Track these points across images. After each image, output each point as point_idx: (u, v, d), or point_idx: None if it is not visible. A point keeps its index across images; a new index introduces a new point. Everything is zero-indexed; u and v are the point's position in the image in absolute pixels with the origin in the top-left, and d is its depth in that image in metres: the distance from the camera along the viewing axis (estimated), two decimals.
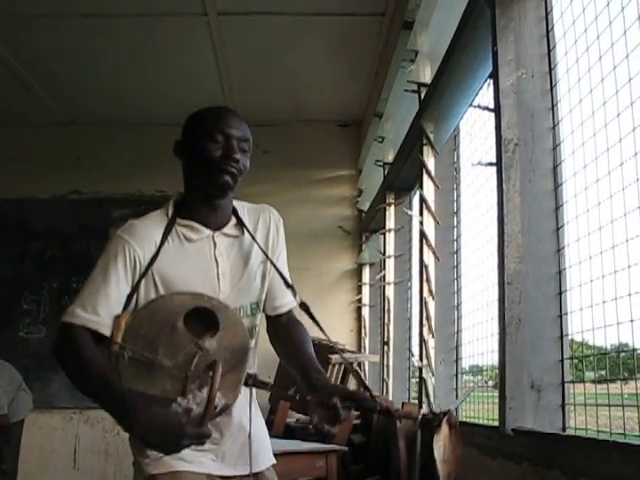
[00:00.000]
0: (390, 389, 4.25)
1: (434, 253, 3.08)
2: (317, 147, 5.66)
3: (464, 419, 2.86)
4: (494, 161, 2.15)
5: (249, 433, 1.50)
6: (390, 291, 4.37)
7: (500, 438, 1.96)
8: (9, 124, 5.51)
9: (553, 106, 2.06)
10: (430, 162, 3.17)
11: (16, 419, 4.43)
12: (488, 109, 2.34)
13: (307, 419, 1.43)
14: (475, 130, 2.87)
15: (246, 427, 1.51)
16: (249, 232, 1.53)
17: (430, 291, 3.06)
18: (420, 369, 3.02)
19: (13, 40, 4.32)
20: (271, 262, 1.54)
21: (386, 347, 4.32)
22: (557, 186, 2.01)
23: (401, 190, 4.31)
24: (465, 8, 2.48)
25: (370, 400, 1.40)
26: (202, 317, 1.40)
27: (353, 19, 4.15)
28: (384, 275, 4.46)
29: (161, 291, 1.44)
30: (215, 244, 1.49)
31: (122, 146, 5.55)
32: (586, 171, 1.84)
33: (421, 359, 3.03)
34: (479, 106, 2.57)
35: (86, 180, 5.53)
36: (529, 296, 1.95)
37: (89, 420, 5.25)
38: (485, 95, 2.59)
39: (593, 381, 1.79)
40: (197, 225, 1.49)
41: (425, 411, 1.46)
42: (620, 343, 1.66)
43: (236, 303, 1.50)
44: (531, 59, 2.10)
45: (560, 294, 1.95)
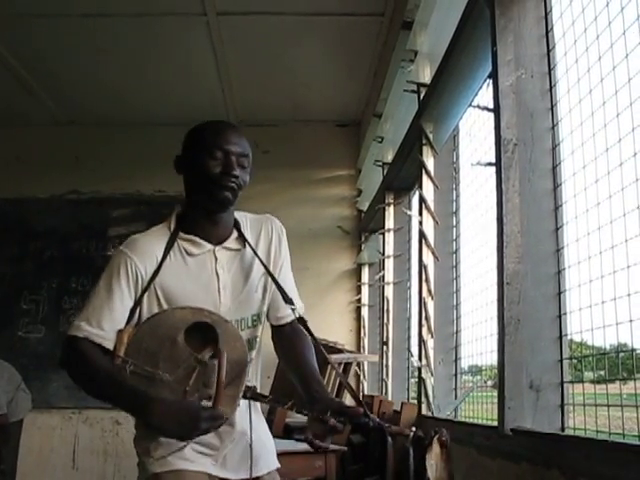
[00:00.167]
0: (389, 389, 4.25)
1: (433, 253, 3.08)
2: (316, 147, 5.66)
3: (463, 419, 2.86)
4: (493, 161, 2.16)
5: (250, 439, 1.51)
6: (389, 291, 4.37)
7: (499, 438, 1.96)
8: (9, 124, 5.50)
9: (552, 106, 2.06)
10: (429, 162, 3.17)
11: (15, 419, 4.42)
12: (487, 109, 2.34)
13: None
14: (474, 130, 2.88)
15: (248, 433, 1.53)
16: (250, 246, 1.55)
17: (429, 291, 3.06)
18: (419, 369, 3.03)
19: (13, 40, 4.32)
20: (271, 276, 1.56)
21: (385, 347, 4.32)
22: (556, 186, 2.01)
23: (400, 190, 4.31)
24: (464, 8, 2.48)
25: (363, 416, 1.41)
26: (202, 331, 1.43)
27: (352, 19, 4.15)
28: (383, 275, 4.46)
29: (163, 305, 1.47)
30: (216, 258, 1.52)
31: (121, 146, 5.55)
32: (585, 171, 1.84)
33: (420, 359, 3.03)
34: (478, 106, 2.57)
35: (85, 180, 5.52)
36: (528, 296, 1.95)
37: (88, 420, 5.25)
38: (484, 95, 2.60)
39: (592, 381, 1.79)
40: (199, 240, 1.51)
41: (414, 430, 1.48)
42: (619, 343, 1.66)
43: (237, 315, 1.53)
44: (530, 59, 2.10)
45: (559, 294, 1.95)
